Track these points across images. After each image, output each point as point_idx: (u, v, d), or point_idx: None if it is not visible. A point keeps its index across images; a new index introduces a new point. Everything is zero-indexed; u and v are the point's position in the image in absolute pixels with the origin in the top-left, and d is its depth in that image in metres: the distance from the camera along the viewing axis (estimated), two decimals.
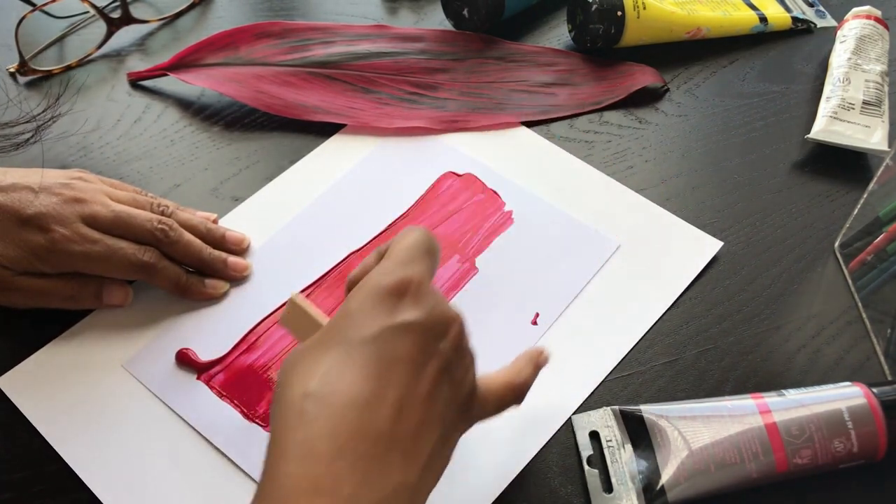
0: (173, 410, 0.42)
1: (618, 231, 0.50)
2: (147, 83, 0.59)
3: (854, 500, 0.40)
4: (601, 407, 0.42)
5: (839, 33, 0.60)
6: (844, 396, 0.39)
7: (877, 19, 0.59)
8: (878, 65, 0.57)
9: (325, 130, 0.55)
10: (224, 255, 0.47)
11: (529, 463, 0.40)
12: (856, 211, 0.48)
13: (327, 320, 0.35)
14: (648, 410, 0.41)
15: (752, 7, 0.64)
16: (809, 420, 0.38)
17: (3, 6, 0.64)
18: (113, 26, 0.60)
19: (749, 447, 0.38)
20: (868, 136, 0.53)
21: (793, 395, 0.40)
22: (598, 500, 0.39)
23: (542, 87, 0.59)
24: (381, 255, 0.35)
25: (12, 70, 0.58)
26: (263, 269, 0.48)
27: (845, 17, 0.61)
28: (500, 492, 0.39)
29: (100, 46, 0.61)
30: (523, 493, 0.40)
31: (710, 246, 0.49)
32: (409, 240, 0.34)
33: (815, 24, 0.64)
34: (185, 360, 0.44)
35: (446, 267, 0.48)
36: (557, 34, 0.63)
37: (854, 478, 0.40)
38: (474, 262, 0.48)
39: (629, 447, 0.40)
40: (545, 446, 0.41)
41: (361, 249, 0.49)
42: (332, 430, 0.28)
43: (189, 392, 0.43)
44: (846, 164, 0.54)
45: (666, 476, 0.38)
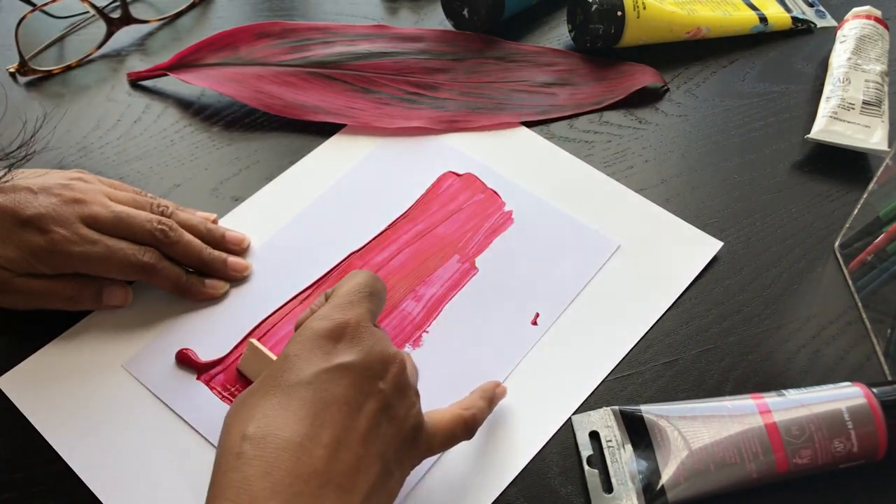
0: (173, 410, 0.42)
1: (618, 231, 0.50)
2: (147, 83, 0.59)
3: (854, 500, 0.40)
4: (601, 407, 0.42)
5: (839, 33, 0.60)
6: (844, 396, 0.39)
7: (877, 19, 0.59)
8: (878, 65, 0.57)
9: (325, 130, 0.55)
10: (224, 255, 0.47)
11: (529, 463, 0.40)
12: (856, 211, 0.48)
13: None
14: (648, 410, 0.41)
15: (752, 7, 0.64)
16: (809, 420, 0.38)
17: (3, 6, 0.64)
18: (113, 26, 0.60)
19: (749, 447, 0.38)
20: (868, 136, 0.53)
21: (793, 395, 0.40)
22: (598, 500, 0.39)
23: (542, 87, 0.59)
24: (328, 297, 0.36)
25: (12, 70, 0.58)
26: (263, 269, 0.48)
27: (845, 17, 0.61)
28: (500, 492, 0.39)
29: (100, 46, 0.61)
30: (523, 493, 0.40)
31: (710, 246, 0.49)
32: (352, 284, 0.36)
33: (815, 24, 0.64)
34: (185, 360, 0.44)
35: (446, 267, 0.48)
36: (557, 34, 0.63)
37: (854, 478, 0.40)
38: (474, 262, 0.48)
39: (629, 447, 0.40)
40: (545, 446, 0.41)
41: (361, 249, 0.49)
42: (267, 471, 0.29)
43: (189, 392, 0.43)
44: (846, 164, 0.54)
45: (666, 476, 0.38)
